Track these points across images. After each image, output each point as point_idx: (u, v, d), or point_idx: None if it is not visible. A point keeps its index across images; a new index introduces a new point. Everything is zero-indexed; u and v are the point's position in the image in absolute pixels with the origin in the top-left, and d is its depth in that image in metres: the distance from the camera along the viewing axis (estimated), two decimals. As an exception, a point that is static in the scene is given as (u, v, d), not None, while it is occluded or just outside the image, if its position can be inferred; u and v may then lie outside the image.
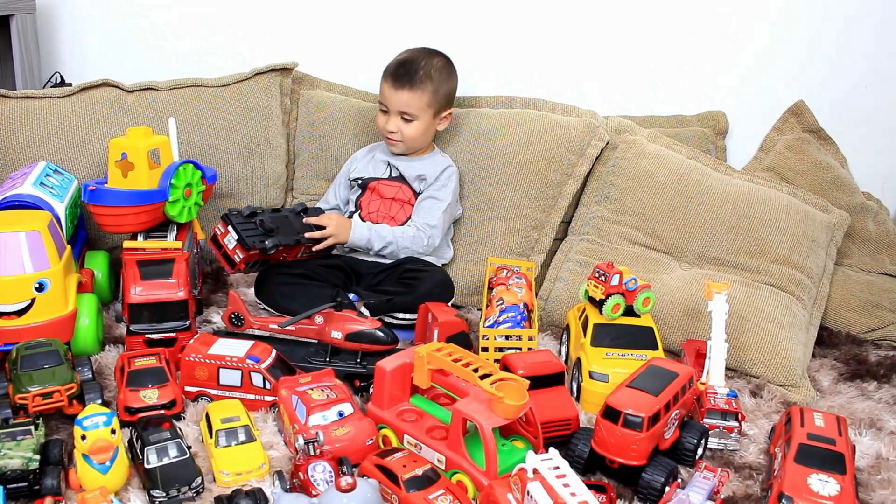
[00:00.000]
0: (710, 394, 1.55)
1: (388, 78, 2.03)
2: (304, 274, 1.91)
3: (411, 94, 2.01)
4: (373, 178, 2.11)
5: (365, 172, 2.13)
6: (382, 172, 2.12)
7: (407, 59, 2.04)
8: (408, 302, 1.85)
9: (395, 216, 2.07)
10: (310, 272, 1.92)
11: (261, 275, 1.93)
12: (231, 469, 1.34)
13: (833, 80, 2.41)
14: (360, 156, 2.19)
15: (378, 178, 2.11)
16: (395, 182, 2.10)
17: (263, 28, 2.43)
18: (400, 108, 2.03)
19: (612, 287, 1.71)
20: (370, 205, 2.09)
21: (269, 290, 1.90)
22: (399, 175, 2.10)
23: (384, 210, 2.08)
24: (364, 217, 2.08)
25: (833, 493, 1.27)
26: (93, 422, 1.29)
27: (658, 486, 1.33)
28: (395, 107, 2.03)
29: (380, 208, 2.08)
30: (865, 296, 2.13)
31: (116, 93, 2.14)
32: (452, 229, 2.16)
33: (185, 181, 1.85)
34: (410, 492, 1.27)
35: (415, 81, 2.01)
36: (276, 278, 1.90)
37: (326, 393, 1.47)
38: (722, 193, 2.07)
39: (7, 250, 1.61)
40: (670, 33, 2.40)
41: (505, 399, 1.29)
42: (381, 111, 2.07)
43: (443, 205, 2.05)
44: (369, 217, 2.08)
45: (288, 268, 1.91)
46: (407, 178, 2.09)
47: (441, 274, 1.97)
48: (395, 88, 2.01)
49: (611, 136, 2.21)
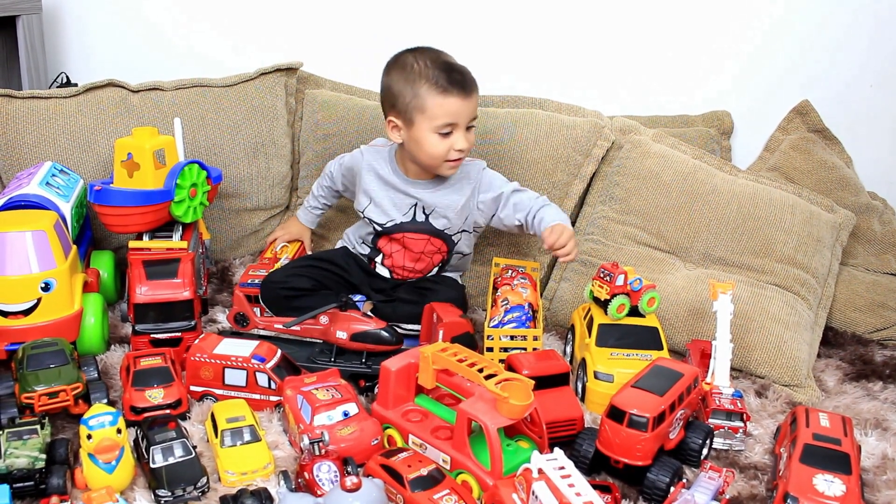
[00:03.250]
0: (716, 394, 1.55)
1: (456, 89, 1.72)
2: (311, 288, 1.81)
3: (477, 94, 1.78)
4: (397, 228, 1.87)
5: (383, 215, 1.87)
6: (405, 215, 1.86)
7: (452, 63, 1.77)
8: (415, 312, 1.75)
9: (424, 270, 1.91)
10: (318, 284, 1.83)
11: (265, 286, 1.81)
12: (236, 469, 1.34)
13: (838, 79, 2.40)
14: (372, 183, 1.88)
15: (404, 225, 1.86)
16: (422, 235, 1.86)
17: (268, 28, 2.44)
18: (473, 115, 1.77)
19: (617, 287, 1.70)
20: (393, 255, 1.90)
21: (275, 300, 1.80)
22: (425, 220, 1.85)
23: (409, 264, 1.89)
24: (386, 263, 1.91)
25: (838, 494, 1.27)
26: (98, 421, 1.30)
27: (663, 487, 1.33)
28: (467, 118, 1.75)
29: (405, 261, 1.89)
30: (871, 296, 2.13)
31: (122, 93, 2.15)
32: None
33: (190, 181, 1.85)
34: (415, 492, 1.27)
35: (474, 80, 1.77)
36: (282, 291, 1.79)
37: (331, 393, 1.47)
38: (727, 193, 2.06)
39: (13, 250, 1.62)
40: (675, 33, 2.40)
41: (510, 399, 1.29)
42: (443, 134, 1.75)
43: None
44: (392, 262, 1.90)
45: (295, 280, 1.81)
46: (436, 225, 1.86)
47: (456, 290, 1.86)
48: (468, 96, 1.74)
49: (616, 136, 2.21)
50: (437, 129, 1.74)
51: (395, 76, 1.77)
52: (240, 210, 2.25)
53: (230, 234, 2.24)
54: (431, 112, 1.73)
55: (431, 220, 1.86)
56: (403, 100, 1.75)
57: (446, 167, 1.80)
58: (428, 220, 1.86)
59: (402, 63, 1.77)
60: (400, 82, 1.75)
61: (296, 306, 1.76)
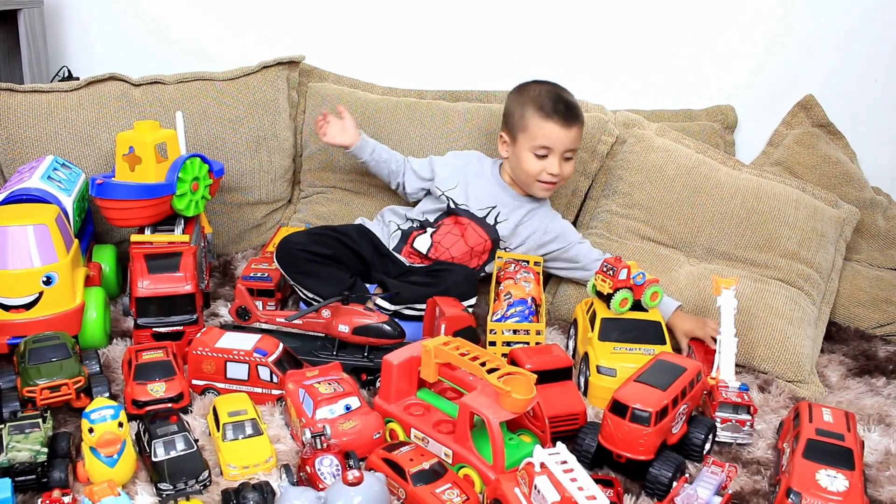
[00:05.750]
0: (722, 387, 1.55)
1: (557, 117, 1.90)
2: (329, 255, 1.84)
3: (579, 130, 1.95)
4: (469, 214, 1.98)
5: (464, 197, 1.99)
6: (480, 210, 1.99)
7: (564, 96, 1.94)
8: (434, 293, 1.77)
9: (456, 258, 1.97)
10: (335, 254, 1.85)
11: (284, 244, 1.84)
12: (238, 462, 1.34)
13: (843, 73, 2.40)
14: (472, 172, 2.03)
15: (475, 216, 1.98)
16: (484, 234, 1.98)
17: (271, 21, 2.43)
18: (570, 146, 1.93)
19: (620, 281, 1.70)
20: (446, 237, 1.98)
21: (291, 260, 1.83)
22: (493, 226, 1.98)
23: (455, 250, 1.97)
24: (435, 237, 1.98)
25: (841, 489, 1.26)
26: (100, 415, 1.30)
27: (665, 481, 1.32)
28: (563, 146, 1.92)
29: (451, 246, 1.97)
30: (874, 291, 2.12)
31: (124, 87, 2.15)
32: None
33: (192, 175, 1.85)
34: (417, 486, 1.27)
35: (580, 117, 1.94)
36: (301, 253, 1.82)
37: (333, 387, 1.47)
38: (731, 188, 2.06)
39: (15, 244, 1.61)
40: (679, 27, 2.39)
41: (512, 393, 1.28)
42: (539, 155, 1.92)
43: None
44: (441, 240, 1.97)
45: (315, 245, 1.84)
46: (499, 232, 1.98)
47: (467, 270, 1.91)
48: (567, 126, 1.90)
49: (619, 131, 2.20)
50: (534, 149, 1.92)
51: (513, 97, 1.99)
52: (242, 204, 2.25)
53: (232, 227, 2.24)
54: (531, 132, 1.92)
55: (499, 226, 1.99)
56: (513, 118, 1.96)
57: (538, 187, 1.97)
58: (495, 227, 1.98)
59: (523, 88, 1.98)
60: (515, 103, 1.97)
61: (306, 271, 1.81)
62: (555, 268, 2.04)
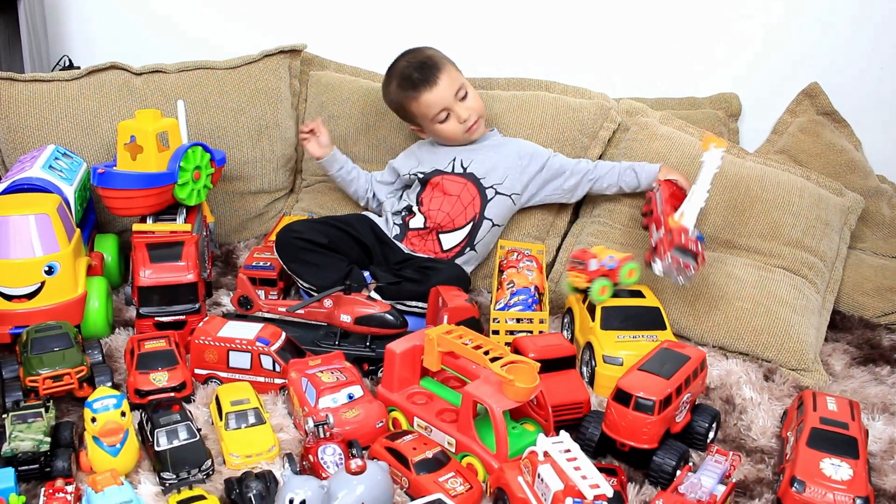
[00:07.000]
0: (682, 231, 1.64)
1: (422, 85, 1.94)
2: (327, 245, 1.85)
3: (447, 75, 1.96)
4: (437, 173, 2.01)
5: (426, 165, 2.03)
6: (447, 165, 2.02)
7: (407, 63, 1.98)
8: (419, 291, 1.79)
9: (455, 220, 1.98)
10: (332, 243, 1.87)
11: (282, 234, 1.86)
12: (241, 451, 1.34)
13: (848, 61, 2.38)
14: (424, 144, 2.10)
15: (444, 172, 2.01)
16: (460, 178, 2.00)
17: (272, 9, 2.42)
18: (452, 91, 1.95)
19: (593, 272, 1.69)
20: (432, 201, 1.99)
21: (288, 249, 1.84)
22: (463, 171, 2.00)
23: (446, 207, 1.98)
24: (425, 212, 1.99)
25: (845, 478, 1.26)
26: (103, 404, 1.30)
27: (669, 470, 1.32)
28: (448, 98, 1.95)
29: (441, 205, 1.98)
30: (879, 280, 2.11)
31: (125, 76, 2.14)
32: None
33: (194, 164, 1.84)
34: (420, 474, 1.27)
35: (436, 64, 1.96)
36: (298, 242, 1.83)
37: (336, 375, 1.46)
38: (735, 176, 2.04)
39: (16, 233, 1.61)
40: (682, 14, 2.37)
41: (516, 382, 1.28)
42: (444, 120, 1.97)
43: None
44: (429, 207, 1.99)
45: (312, 234, 1.86)
46: (474, 172, 2.00)
47: (457, 269, 1.90)
48: (434, 84, 1.94)
49: (622, 119, 2.19)
50: (436, 120, 1.98)
51: (386, 98, 2.07)
52: (244, 193, 2.24)
53: (234, 217, 2.24)
54: (420, 111, 1.98)
55: (469, 169, 2.01)
56: (401, 112, 2.06)
57: (470, 133, 2.01)
58: (466, 170, 2.01)
59: (385, 84, 2.05)
60: (390, 102, 2.06)
61: (304, 259, 1.82)
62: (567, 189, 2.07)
